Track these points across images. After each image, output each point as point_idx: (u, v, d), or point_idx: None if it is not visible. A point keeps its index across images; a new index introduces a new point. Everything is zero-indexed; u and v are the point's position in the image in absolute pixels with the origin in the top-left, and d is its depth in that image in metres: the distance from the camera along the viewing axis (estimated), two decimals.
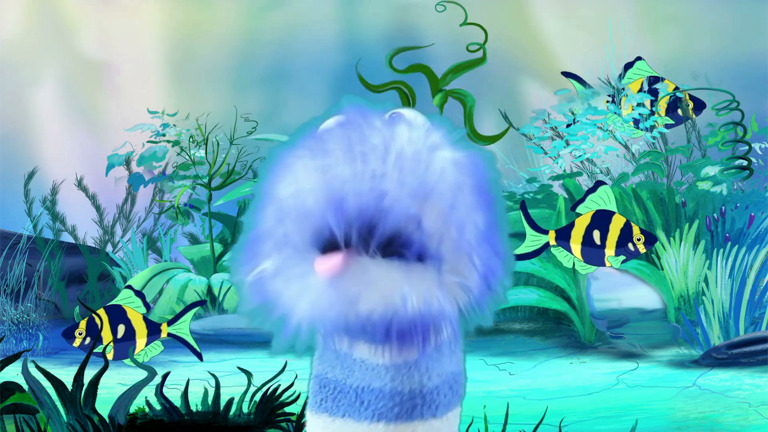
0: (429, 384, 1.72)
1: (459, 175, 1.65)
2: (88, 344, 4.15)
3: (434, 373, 1.73)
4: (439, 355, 1.72)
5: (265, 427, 4.03)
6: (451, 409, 1.76)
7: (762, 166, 4.51)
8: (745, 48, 4.53)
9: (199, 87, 4.67)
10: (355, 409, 1.71)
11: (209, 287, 4.66)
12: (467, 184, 1.66)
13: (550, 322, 4.60)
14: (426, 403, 1.72)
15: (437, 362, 1.72)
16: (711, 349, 4.40)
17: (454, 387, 1.77)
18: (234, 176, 4.66)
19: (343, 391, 1.72)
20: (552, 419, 4.07)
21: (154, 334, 4.19)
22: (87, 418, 3.90)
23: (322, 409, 1.75)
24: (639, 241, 4.29)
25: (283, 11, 4.64)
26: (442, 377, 1.74)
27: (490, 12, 4.56)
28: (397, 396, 1.70)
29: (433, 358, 1.72)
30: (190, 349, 4.20)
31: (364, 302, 1.59)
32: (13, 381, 4.07)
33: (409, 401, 1.71)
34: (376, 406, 1.70)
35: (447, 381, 1.75)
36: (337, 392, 1.73)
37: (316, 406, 1.76)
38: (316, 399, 1.76)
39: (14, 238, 4.66)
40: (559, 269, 4.55)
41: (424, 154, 1.64)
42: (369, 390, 1.70)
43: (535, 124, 4.63)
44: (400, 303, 1.59)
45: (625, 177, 4.60)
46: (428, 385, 1.72)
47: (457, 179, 1.65)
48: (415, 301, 1.60)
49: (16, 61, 4.63)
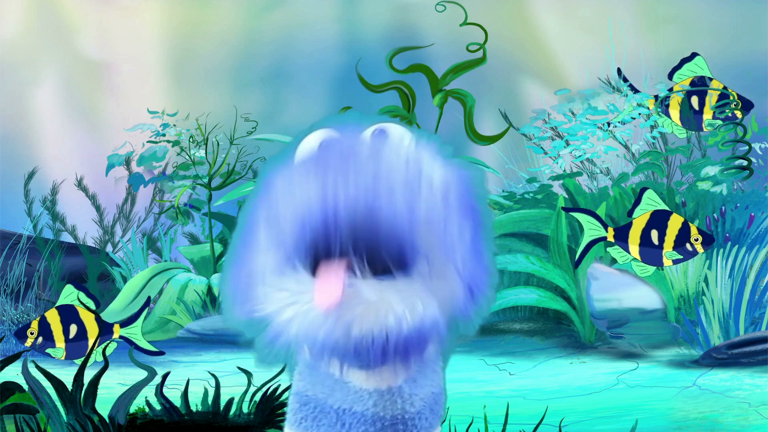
0: (411, 410, 1.72)
1: (447, 190, 1.65)
2: (41, 344, 4.14)
3: (417, 398, 1.72)
4: (422, 378, 1.73)
5: (265, 427, 4.03)
6: (431, 431, 1.76)
7: (762, 166, 4.51)
8: (745, 48, 4.53)
9: (199, 87, 4.67)
10: (335, 431, 1.71)
11: (209, 287, 4.66)
12: (455, 198, 1.66)
13: (550, 322, 4.60)
14: (408, 428, 1.72)
15: (420, 387, 1.72)
16: (711, 349, 4.40)
17: (435, 408, 1.77)
18: (234, 176, 4.66)
19: (323, 410, 1.71)
20: (552, 419, 4.07)
21: (106, 335, 4.18)
22: (87, 418, 3.90)
23: (302, 428, 1.74)
24: (696, 242, 4.31)
25: (283, 11, 4.63)
26: (423, 401, 1.74)
27: (490, 12, 4.56)
28: (378, 422, 1.69)
29: (417, 383, 1.72)
30: (143, 351, 4.18)
31: (360, 327, 1.58)
32: (13, 381, 4.07)
33: (391, 427, 1.70)
34: (357, 429, 1.69)
35: (428, 404, 1.75)
36: (317, 411, 1.72)
37: (296, 424, 1.75)
38: (296, 417, 1.75)
39: (14, 238, 4.66)
40: (559, 269, 4.55)
41: (413, 171, 1.63)
42: (351, 413, 1.69)
43: (535, 124, 4.63)
44: (394, 324, 1.59)
45: (625, 177, 4.60)
46: (410, 411, 1.72)
47: (445, 194, 1.65)
48: (410, 320, 1.60)
49: (16, 61, 4.63)
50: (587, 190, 4.63)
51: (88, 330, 4.16)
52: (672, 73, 4.51)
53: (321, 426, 1.71)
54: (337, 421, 1.70)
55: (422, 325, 1.61)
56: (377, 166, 1.60)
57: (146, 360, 4.22)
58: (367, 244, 1.58)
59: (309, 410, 1.72)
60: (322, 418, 1.71)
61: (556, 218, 4.54)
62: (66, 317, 4.17)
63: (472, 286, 1.67)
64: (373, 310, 1.59)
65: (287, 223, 1.61)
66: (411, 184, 1.62)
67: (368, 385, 1.68)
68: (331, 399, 1.70)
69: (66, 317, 4.17)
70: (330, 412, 1.70)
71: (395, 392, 1.69)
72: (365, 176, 1.59)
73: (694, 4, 4.60)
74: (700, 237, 4.33)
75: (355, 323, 1.58)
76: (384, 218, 1.58)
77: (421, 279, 1.62)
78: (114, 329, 4.18)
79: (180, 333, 4.59)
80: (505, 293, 4.56)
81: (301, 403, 1.74)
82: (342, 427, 1.70)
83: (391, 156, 1.63)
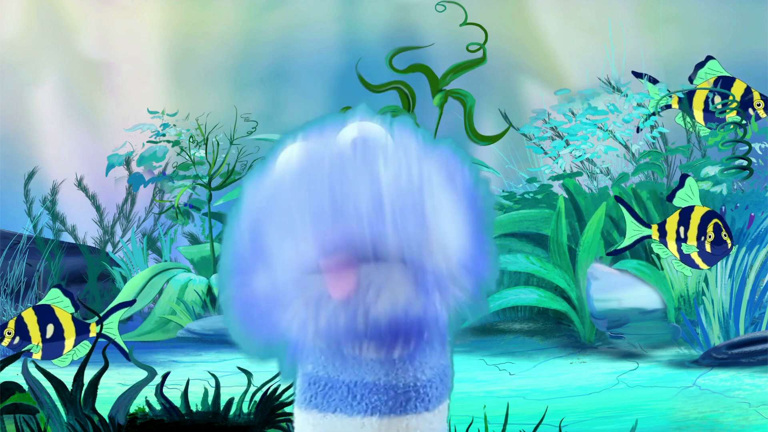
0: (423, 377, 1.72)
1: (445, 180, 1.66)
2: (17, 344, 4.14)
3: (427, 366, 1.73)
4: (431, 349, 1.73)
5: (265, 427, 4.03)
6: (442, 401, 1.77)
7: (762, 166, 4.51)
8: (745, 48, 4.53)
9: (199, 87, 4.67)
10: (347, 404, 1.70)
11: (209, 287, 4.66)
12: (452, 187, 1.67)
13: (550, 322, 4.60)
14: (419, 396, 1.72)
15: (430, 356, 1.73)
16: (711, 349, 4.40)
17: (445, 380, 1.78)
18: (234, 176, 4.66)
19: (334, 386, 1.71)
20: (552, 419, 4.07)
21: (82, 334, 4.17)
22: (87, 418, 3.90)
23: (312, 406, 1.73)
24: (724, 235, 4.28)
25: (283, 11, 4.64)
26: (434, 370, 1.74)
27: (490, 12, 4.56)
28: (391, 390, 1.70)
29: (426, 351, 1.72)
30: (119, 349, 4.17)
31: (375, 311, 1.60)
32: (13, 381, 4.07)
33: (404, 395, 1.71)
34: (369, 400, 1.69)
35: (439, 374, 1.76)
36: (327, 388, 1.72)
37: (305, 403, 1.74)
38: (305, 396, 1.74)
39: (14, 238, 4.66)
40: (559, 269, 4.55)
41: (413, 165, 1.64)
42: (362, 384, 1.69)
43: (535, 124, 4.63)
44: (404, 306, 1.61)
45: (625, 177, 4.60)
46: (422, 379, 1.72)
47: (443, 184, 1.65)
48: (417, 304, 1.61)
49: (16, 61, 4.63)
50: (587, 190, 4.63)
51: (65, 329, 4.16)
52: (691, 78, 4.49)
53: (332, 402, 1.71)
54: (348, 394, 1.69)
55: (426, 311, 1.62)
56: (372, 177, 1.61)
57: (146, 360, 4.22)
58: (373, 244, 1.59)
59: (319, 388, 1.72)
60: (332, 394, 1.71)
61: (556, 218, 4.54)
62: (43, 317, 4.17)
63: (473, 271, 1.68)
64: (386, 292, 1.60)
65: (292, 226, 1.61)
66: (412, 179, 1.62)
67: (379, 355, 1.68)
68: (343, 375, 1.70)
69: (43, 317, 4.17)
70: (341, 387, 1.70)
71: (406, 360, 1.70)
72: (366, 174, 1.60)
73: (694, 4, 4.61)
74: (723, 230, 4.29)
75: (372, 306, 1.59)
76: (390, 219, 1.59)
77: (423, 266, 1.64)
78: (90, 328, 4.17)
79: (180, 333, 4.59)
80: (505, 293, 4.56)
81: (310, 383, 1.73)
82: (353, 400, 1.70)
83: (383, 163, 1.64)
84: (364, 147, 1.64)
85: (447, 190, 1.66)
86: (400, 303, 1.60)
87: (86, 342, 4.15)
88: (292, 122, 4.66)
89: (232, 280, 1.71)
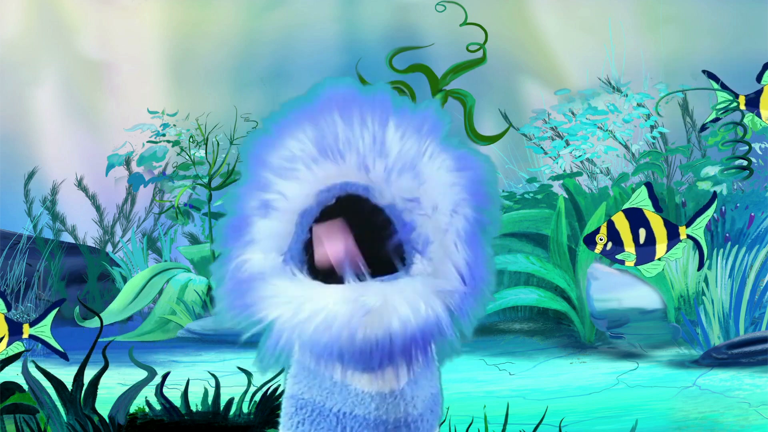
0: (414, 412, 1.71)
1: (451, 180, 1.66)
2: None
3: (419, 400, 1.72)
4: (423, 380, 1.72)
5: (265, 427, 4.03)
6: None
7: (762, 166, 4.51)
8: (745, 48, 4.53)
9: (199, 87, 4.67)
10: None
11: (209, 287, 4.66)
12: (459, 187, 1.67)
13: (550, 322, 4.60)
14: (410, 431, 1.71)
15: (421, 388, 1.72)
16: (711, 349, 4.40)
17: (434, 409, 1.76)
18: (234, 176, 4.66)
19: (322, 414, 1.69)
20: (552, 419, 4.07)
21: (15, 335, 4.16)
22: (87, 418, 3.90)
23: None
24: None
25: (283, 11, 4.63)
26: (425, 403, 1.73)
27: (490, 12, 4.56)
28: (381, 425, 1.68)
29: (418, 384, 1.71)
30: (52, 350, 4.16)
31: (364, 332, 1.58)
32: (13, 381, 4.07)
33: (394, 430, 1.69)
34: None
35: (428, 406, 1.75)
36: (315, 414, 1.70)
37: (292, 428, 1.72)
38: (291, 421, 1.72)
39: (14, 238, 4.66)
40: (559, 269, 4.55)
41: (417, 159, 1.65)
42: (351, 416, 1.67)
43: (535, 124, 4.63)
44: (399, 328, 1.60)
45: (625, 177, 4.60)
46: (413, 414, 1.71)
47: (451, 184, 1.65)
48: (414, 322, 1.60)
49: (16, 61, 4.63)
50: (587, 190, 4.63)
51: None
52: (759, 76, 4.46)
53: (320, 430, 1.70)
54: (337, 425, 1.68)
55: (426, 326, 1.61)
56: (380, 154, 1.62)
57: (146, 360, 4.22)
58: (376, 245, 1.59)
59: (306, 414, 1.70)
60: (321, 421, 1.69)
61: (556, 218, 4.54)
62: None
63: (474, 278, 1.67)
64: (377, 315, 1.59)
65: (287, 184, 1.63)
66: (417, 176, 1.63)
67: (370, 389, 1.67)
68: (330, 402, 1.68)
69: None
70: (329, 416, 1.69)
71: (398, 395, 1.68)
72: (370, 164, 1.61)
73: (694, 4, 4.60)
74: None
75: (360, 329, 1.58)
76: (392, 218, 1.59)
77: (422, 277, 1.63)
78: (24, 329, 4.16)
79: (180, 333, 4.59)
80: (505, 293, 4.56)
81: (297, 407, 1.71)
82: (342, 431, 1.68)
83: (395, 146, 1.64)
84: (381, 98, 1.64)
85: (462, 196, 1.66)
86: (392, 327, 1.59)
87: (19, 342, 4.14)
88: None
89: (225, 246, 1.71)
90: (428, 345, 1.64)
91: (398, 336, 1.59)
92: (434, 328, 1.62)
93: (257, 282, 1.66)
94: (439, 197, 1.64)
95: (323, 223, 1.63)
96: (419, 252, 1.63)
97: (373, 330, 1.58)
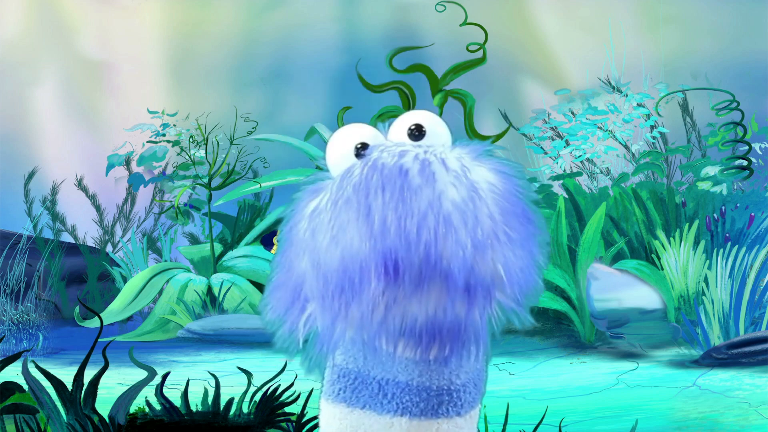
0: (457, 381, 1.70)
1: (496, 192, 1.64)
2: None
3: (462, 370, 1.70)
4: (467, 353, 1.70)
5: (265, 427, 4.03)
6: (474, 407, 1.74)
7: (762, 166, 4.51)
8: (745, 48, 4.53)
9: (199, 87, 4.67)
10: (377, 402, 1.67)
11: (209, 287, 4.66)
12: (502, 199, 1.65)
13: (550, 322, 4.60)
14: (453, 400, 1.69)
15: (466, 359, 1.70)
16: (711, 349, 4.40)
17: (479, 384, 1.75)
18: (234, 176, 4.66)
19: (365, 381, 1.68)
20: (552, 419, 4.07)
21: None
22: (87, 418, 3.90)
23: (340, 399, 1.70)
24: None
25: (283, 11, 4.64)
26: (469, 374, 1.72)
27: (490, 12, 4.56)
28: (423, 392, 1.67)
29: (462, 355, 1.69)
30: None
31: (416, 314, 1.58)
32: (13, 381, 4.07)
33: (436, 398, 1.68)
34: (400, 399, 1.66)
35: (473, 378, 1.73)
36: (358, 383, 1.69)
37: (333, 396, 1.71)
38: (333, 388, 1.71)
39: (14, 238, 4.66)
40: (559, 269, 4.55)
41: (462, 176, 1.63)
42: (394, 383, 1.66)
43: (535, 124, 4.63)
44: (444, 308, 1.59)
45: (625, 177, 4.60)
46: (456, 383, 1.70)
47: (494, 196, 1.64)
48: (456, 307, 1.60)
49: (16, 61, 4.63)
50: (587, 190, 4.63)
51: None
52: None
53: (361, 397, 1.68)
54: (379, 392, 1.67)
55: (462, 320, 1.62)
56: (431, 194, 1.59)
57: (146, 360, 4.22)
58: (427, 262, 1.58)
59: (348, 381, 1.69)
60: (362, 389, 1.68)
61: (556, 218, 4.54)
62: None
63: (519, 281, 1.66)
64: (429, 299, 1.60)
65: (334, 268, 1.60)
66: (464, 193, 1.61)
67: (414, 354, 1.65)
68: (375, 371, 1.67)
69: None
70: (371, 383, 1.67)
71: (441, 362, 1.67)
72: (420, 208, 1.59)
73: (694, 4, 4.60)
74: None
75: (413, 311, 1.58)
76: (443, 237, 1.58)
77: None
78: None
79: (180, 333, 4.59)
80: None
81: (340, 375, 1.70)
82: (384, 398, 1.66)
83: (444, 182, 1.60)
84: (423, 167, 1.62)
85: (499, 203, 1.64)
86: (440, 305, 1.59)
87: None
88: (292, 122, 4.67)
89: (276, 266, 1.70)
90: (470, 329, 1.64)
91: (444, 313, 1.60)
92: (474, 317, 1.62)
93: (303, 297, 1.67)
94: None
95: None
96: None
97: (424, 315, 1.59)
